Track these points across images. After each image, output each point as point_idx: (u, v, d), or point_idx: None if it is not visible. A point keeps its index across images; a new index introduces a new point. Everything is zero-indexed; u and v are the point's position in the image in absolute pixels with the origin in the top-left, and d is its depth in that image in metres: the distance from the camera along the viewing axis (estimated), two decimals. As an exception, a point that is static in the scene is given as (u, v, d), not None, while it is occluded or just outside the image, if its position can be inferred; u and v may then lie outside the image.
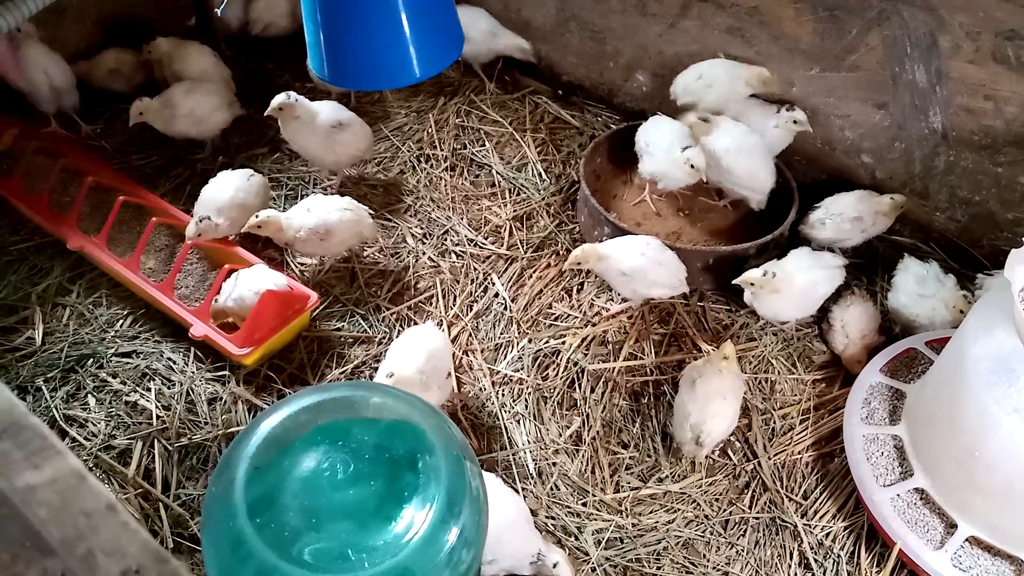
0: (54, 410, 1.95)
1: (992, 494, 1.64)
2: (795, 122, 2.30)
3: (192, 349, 2.10)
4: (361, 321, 2.20)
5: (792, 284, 2.04)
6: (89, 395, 2.00)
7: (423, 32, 1.56)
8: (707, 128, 2.25)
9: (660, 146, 2.34)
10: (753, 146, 2.28)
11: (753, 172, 2.27)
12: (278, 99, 2.30)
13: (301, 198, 2.42)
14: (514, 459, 1.92)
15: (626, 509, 1.85)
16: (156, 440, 1.91)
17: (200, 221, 2.17)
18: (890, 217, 2.26)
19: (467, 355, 2.14)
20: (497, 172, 2.62)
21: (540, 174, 2.62)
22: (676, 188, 2.37)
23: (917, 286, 2.11)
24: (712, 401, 1.82)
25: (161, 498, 1.82)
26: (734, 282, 2.06)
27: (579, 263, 2.09)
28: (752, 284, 2.03)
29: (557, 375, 2.09)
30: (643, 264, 2.07)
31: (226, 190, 2.24)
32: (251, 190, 2.28)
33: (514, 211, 2.50)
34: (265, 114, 2.33)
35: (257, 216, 2.12)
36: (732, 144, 2.25)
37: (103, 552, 0.61)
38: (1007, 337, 1.55)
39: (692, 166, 2.23)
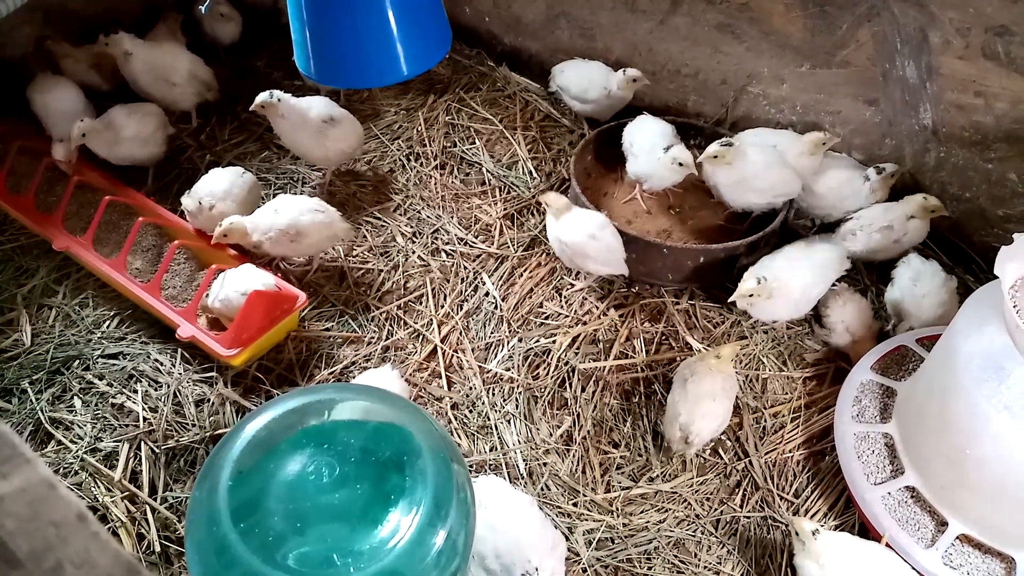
0: (40, 412, 1.93)
1: (983, 492, 1.63)
2: (892, 175, 2.23)
3: (179, 350, 2.08)
4: (350, 321, 2.19)
5: (786, 286, 2.02)
6: (75, 397, 1.98)
7: (411, 29, 1.54)
8: (730, 157, 2.17)
9: (643, 147, 2.33)
10: (777, 156, 2.23)
11: (785, 179, 2.22)
12: (260, 98, 2.28)
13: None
14: (504, 460, 1.91)
15: (617, 509, 1.84)
16: (143, 442, 1.90)
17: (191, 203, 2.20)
18: (923, 220, 2.18)
19: (457, 354, 2.13)
20: (487, 170, 2.61)
21: (530, 172, 2.60)
22: (663, 187, 2.36)
23: (912, 283, 2.10)
24: (702, 402, 1.81)
25: (148, 501, 1.80)
26: (730, 300, 2.04)
27: (547, 204, 2.16)
28: (751, 296, 2.00)
29: (548, 374, 2.08)
30: (579, 240, 2.10)
31: (220, 182, 2.24)
32: (244, 186, 2.28)
33: (504, 209, 2.49)
34: (250, 108, 2.32)
35: (220, 225, 2.10)
36: (762, 162, 2.19)
37: (72, 564, 0.60)
38: (997, 334, 1.55)
39: (680, 163, 2.22)
